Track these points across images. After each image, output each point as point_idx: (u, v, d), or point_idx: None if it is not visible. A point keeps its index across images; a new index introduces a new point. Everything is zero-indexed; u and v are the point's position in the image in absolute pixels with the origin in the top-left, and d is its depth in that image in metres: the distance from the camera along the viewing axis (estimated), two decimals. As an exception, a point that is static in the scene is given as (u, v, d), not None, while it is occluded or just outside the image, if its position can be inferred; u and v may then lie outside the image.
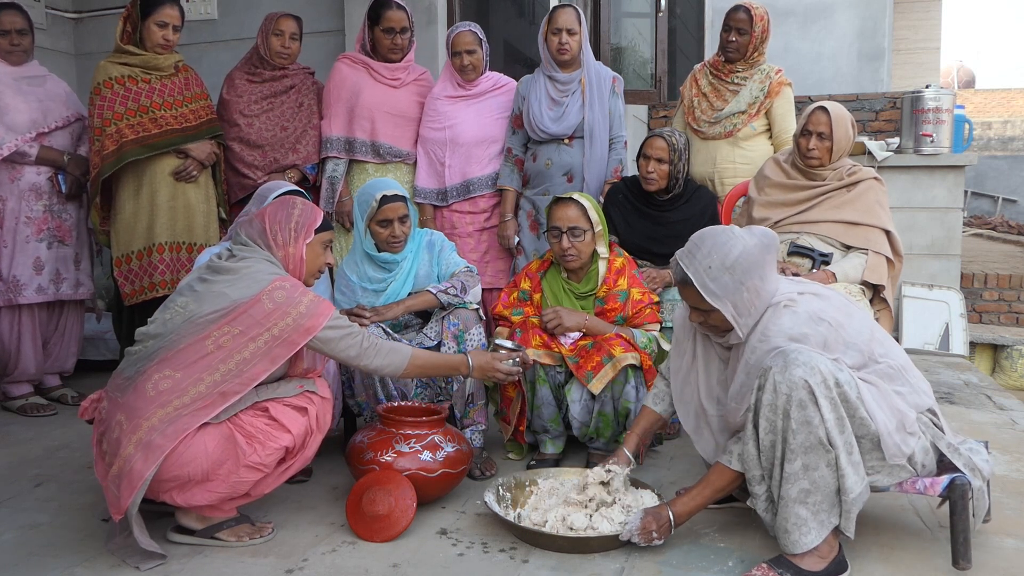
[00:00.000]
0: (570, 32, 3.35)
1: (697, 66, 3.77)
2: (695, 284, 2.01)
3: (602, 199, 3.36)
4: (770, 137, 3.58)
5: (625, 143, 3.53)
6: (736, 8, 3.48)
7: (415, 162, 3.59)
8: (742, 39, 3.47)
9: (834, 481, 1.91)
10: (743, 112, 3.50)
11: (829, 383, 1.88)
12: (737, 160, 3.54)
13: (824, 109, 2.92)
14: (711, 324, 2.09)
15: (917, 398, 2.04)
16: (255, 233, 2.23)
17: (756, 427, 1.96)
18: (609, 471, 2.25)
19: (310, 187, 3.58)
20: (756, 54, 3.52)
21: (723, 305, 2.00)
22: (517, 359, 2.55)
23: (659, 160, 3.12)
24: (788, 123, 3.51)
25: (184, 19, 3.38)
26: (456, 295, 2.77)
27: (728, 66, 3.56)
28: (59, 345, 3.63)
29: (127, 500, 1.98)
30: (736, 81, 3.53)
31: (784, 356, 1.91)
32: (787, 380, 1.88)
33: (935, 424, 2.07)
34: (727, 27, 3.50)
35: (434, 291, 2.76)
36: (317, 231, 2.27)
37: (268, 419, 2.13)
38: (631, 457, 2.32)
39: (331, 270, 3.29)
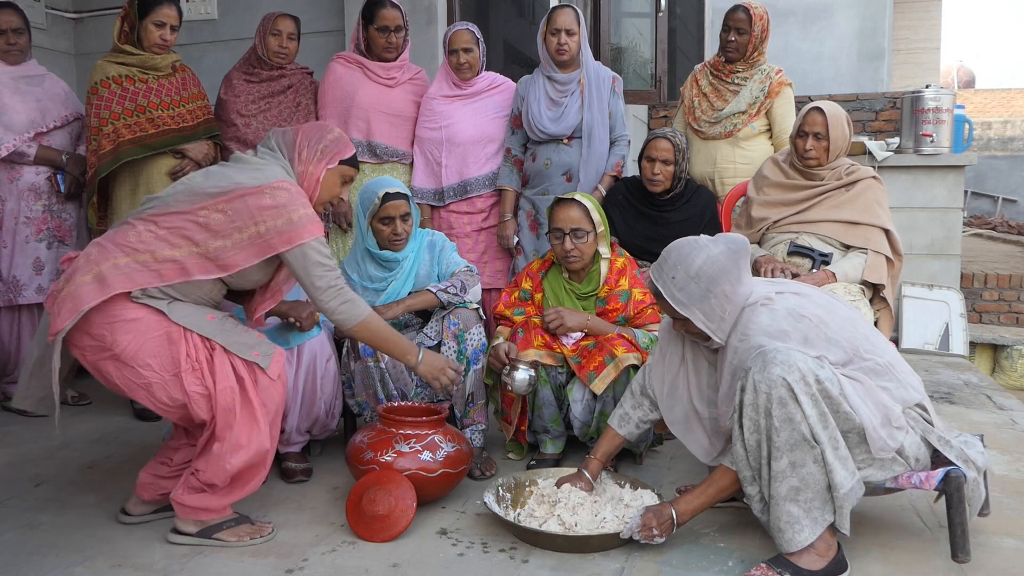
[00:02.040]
0: (569, 32, 3.35)
1: (697, 66, 3.78)
2: (664, 295, 2.06)
3: (602, 190, 3.36)
4: (770, 137, 3.59)
5: (628, 142, 3.52)
6: (735, 8, 3.49)
7: (412, 162, 3.59)
8: (741, 39, 3.47)
9: (823, 477, 1.91)
10: (743, 112, 3.50)
11: (809, 380, 1.88)
12: (737, 160, 3.55)
13: (819, 110, 2.93)
14: (692, 331, 2.12)
15: (904, 393, 2.04)
16: (285, 142, 2.25)
17: (741, 427, 1.97)
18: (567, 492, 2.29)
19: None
20: (756, 54, 3.52)
21: (692, 314, 2.03)
22: (532, 374, 2.59)
23: (664, 162, 3.12)
24: (788, 123, 3.51)
25: (182, 19, 3.38)
26: (456, 294, 2.77)
27: (728, 66, 3.57)
28: (59, 345, 3.63)
29: (64, 321, 1.98)
30: (736, 81, 3.54)
31: (763, 356, 1.92)
32: (766, 379, 1.89)
33: (925, 419, 2.07)
34: (726, 27, 3.51)
35: (434, 290, 2.76)
36: (343, 163, 2.28)
37: (208, 358, 2.09)
38: (592, 482, 2.35)
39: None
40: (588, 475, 2.35)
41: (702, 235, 2.12)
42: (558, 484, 2.35)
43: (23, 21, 3.45)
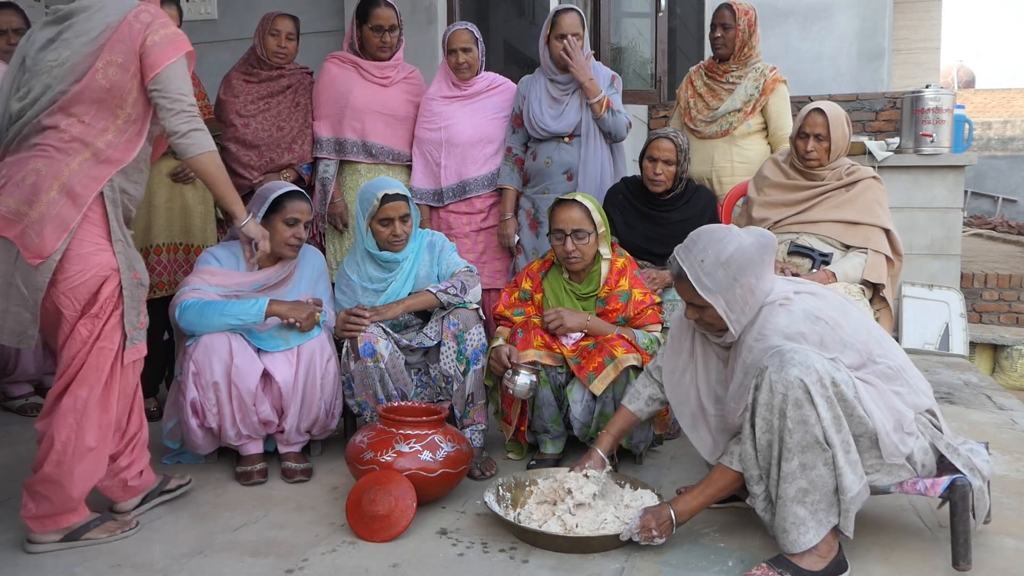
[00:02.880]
0: (576, 36, 3.34)
1: (692, 68, 3.81)
2: (689, 278, 2.03)
3: (595, 81, 3.31)
4: (767, 135, 3.59)
5: (629, 122, 3.45)
6: (720, 7, 3.57)
7: (408, 163, 3.57)
8: (727, 34, 3.53)
9: (832, 480, 1.91)
10: (738, 110, 3.52)
11: (825, 382, 1.88)
12: (734, 159, 3.56)
13: (820, 111, 2.93)
14: (707, 322, 2.10)
15: (916, 398, 2.04)
16: None
17: (753, 427, 1.96)
18: (587, 476, 2.27)
19: (306, 187, 3.58)
20: (747, 49, 3.56)
21: (715, 300, 2.02)
22: (534, 379, 2.59)
23: (667, 162, 3.12)
24: (784, 120, 3.54)
25: (182, 18, 3.37)
26: (456, 295, 2.77)
27: (722, 66, 3.60)
28: (59, 345, 3.63)
29: (56, 243, 2.01)
30: (731, 80, 3.57)
31: (780, 355, 1.91)
32: (783, 379, 1.88)
33: (934, 425, 2.07)
34: (712, 26, 3.59)
35: (434, 291, 2.76)
36: None
37: (110, 314, 2.11)
38: (605, 459, 2.36)
39: (331, 271, 3.28)
40: (600, 452, 2.36)
41: (732, 224, 2.12)
42: (571, 469, 2.33)
43: (24, 22, 3.44)
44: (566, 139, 3.42)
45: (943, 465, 2.04)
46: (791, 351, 1.91)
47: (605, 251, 2.81)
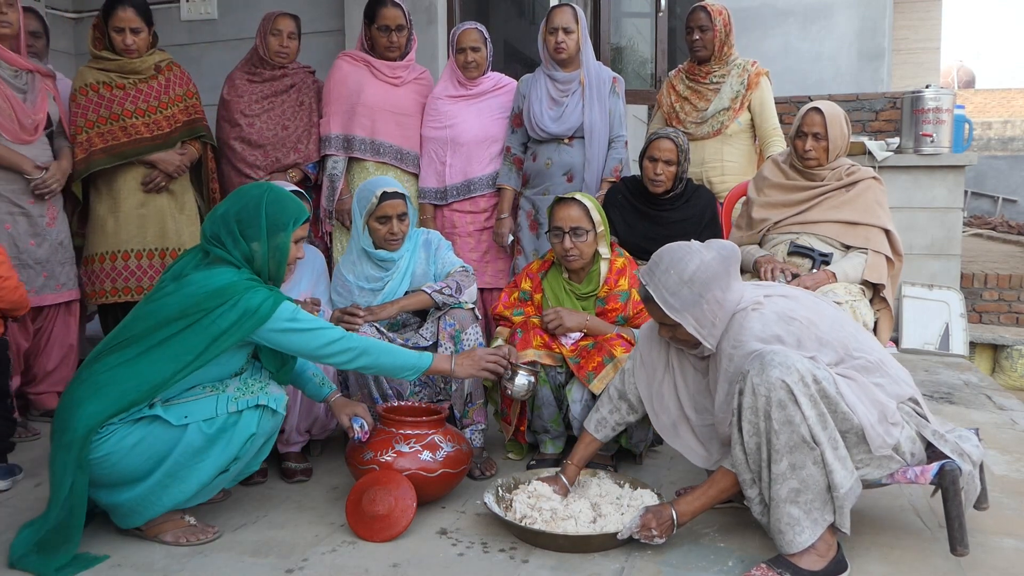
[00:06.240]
0: (566, 31, 3.36)
1: (672, 72, 3.83)
2: (656, 299, 2.05)
3: (599, 196, 3.36)
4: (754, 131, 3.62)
5: (625, 143, 3.52)
6: (693, 9, 3.58)
7: (412, 164, 3.57)
8: (705, 36, 3.54)
9: (823, 478, 1.91)
10: (728, 108, 3.54)
11: (807, 380, 1.88)
12: (725, 158, 3.57)
13: (818, 110, 2.93)
14: (680, 339, 2.11)
15: (897, 388, 2.05)
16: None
17: (740, 431, 1.97)
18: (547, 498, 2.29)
19: (311, 186, 3.59)
20: (726, 49, 3.58)
21: (684, 319, 2.03)
22: (532, 379, 2.59)
23: (667, 162, 3.12)
24: (769, 111, 3.57)
25: (150, 19, 3.27)
26: (451, 295, 2.77)
27: (703, 67, 3.61)
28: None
29: None
30: (715, 80, 3.58)
31: (760, 358, 1.92)
32: (765, 382, 1.89)
33: (918, 413, 2.07)
34: (689, 29, 3.59)
35: (429, 291, 2.76)
36: None
37: None
38: (568, 487, 2.37)
39: (331, 270, 3.28)
40: (565, 480, 2.37)
41: (693, 240, 2.12)
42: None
43: (42, 25, 3.44)
44: (566, 140, 3.42)
45: (933, 453, 2.04)
46: (770, 353, 1.92)
47: (604, 251, 2.81)
